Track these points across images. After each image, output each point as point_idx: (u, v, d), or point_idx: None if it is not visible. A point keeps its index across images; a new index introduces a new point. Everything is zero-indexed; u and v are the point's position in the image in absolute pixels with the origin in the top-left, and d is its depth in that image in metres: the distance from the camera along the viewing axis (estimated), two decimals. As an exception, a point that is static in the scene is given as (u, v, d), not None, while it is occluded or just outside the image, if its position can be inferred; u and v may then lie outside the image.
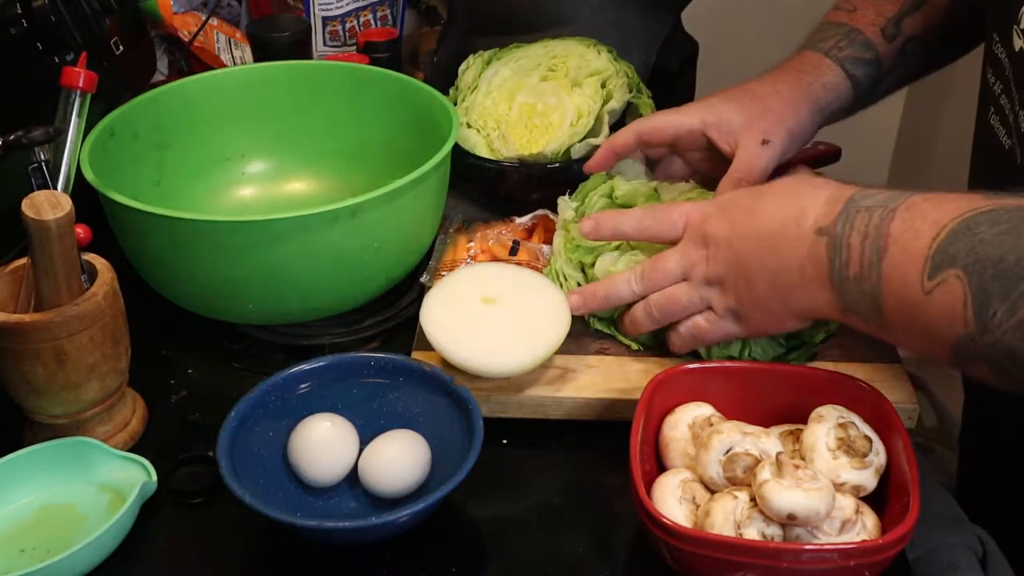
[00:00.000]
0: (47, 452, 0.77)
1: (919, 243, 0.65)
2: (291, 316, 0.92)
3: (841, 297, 0.70)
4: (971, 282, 0.62)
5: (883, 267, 0.67)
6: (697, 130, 0.92)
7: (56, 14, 0.90)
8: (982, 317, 0.62)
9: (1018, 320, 0.61)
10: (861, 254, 0.68)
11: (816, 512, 0.66)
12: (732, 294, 0.78)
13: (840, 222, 0.70)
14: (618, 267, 0.87)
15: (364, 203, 0.83)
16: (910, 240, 0.66)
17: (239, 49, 1.33)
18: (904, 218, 0.67)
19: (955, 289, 0.63)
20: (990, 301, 0.62)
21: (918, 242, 0.65)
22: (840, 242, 0.70)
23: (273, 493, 0.74)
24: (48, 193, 0.72)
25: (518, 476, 0.80)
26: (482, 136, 1.03)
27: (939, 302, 0.64)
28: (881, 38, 0.97)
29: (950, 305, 0.63)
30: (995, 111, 0.86)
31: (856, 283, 0.69)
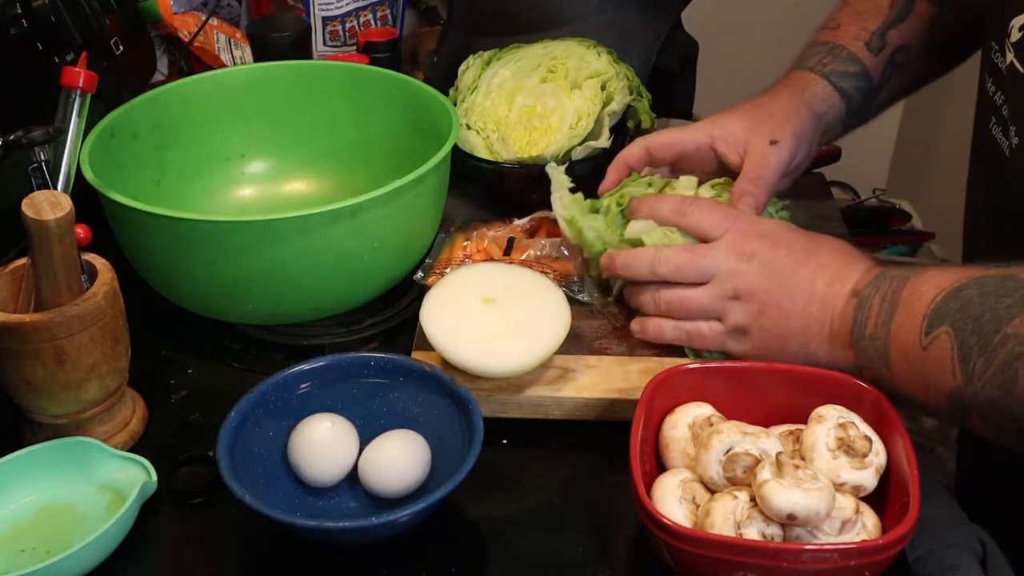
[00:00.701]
0: (47, 452, 0.77)
1: (920, 304, 0.72)
2: (291, 316, 0.92)
3: (858, 354, 0.76)
4: (957, 337, 0.69)
5: (892, 326, 0.74)
6: (705, 144, 0.93)
7: (56, 14, 0.90)
8: (965, 369, 0.68)
9: (992, 372, 0.67)
10: (878, 314, 0.75)
11: (816, 512, 0.66)
12: (752, 317, 0.81)
13: (870, 287, 0.77)
14: (651, 238, 0.86)
15: (364, 203, 0.83)
16: (914, 302, 0.73)
17: (239, 49, 1.33)
18: (914, 283, 0.74)
19: (945, 344, 0.70)
20: (970, 354, 0.68)
21: (919, 303, 0.72)
22: (865, 304, 0.76)
23: (273, 493, 0.74)
24: (48, 193, 0.72)
25: (518, 476, 0.80)
26: (482, 138, 1.03)
27: (934, 356, 0.70)
28: (866, 51, 0.98)
29: (942, 358, 0.70)
30: (996, 121, 0.86)
31: (871, 341, 0.75)
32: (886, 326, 0.74)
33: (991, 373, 0.67)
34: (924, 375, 0.71)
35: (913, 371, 0.72)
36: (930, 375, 0.71)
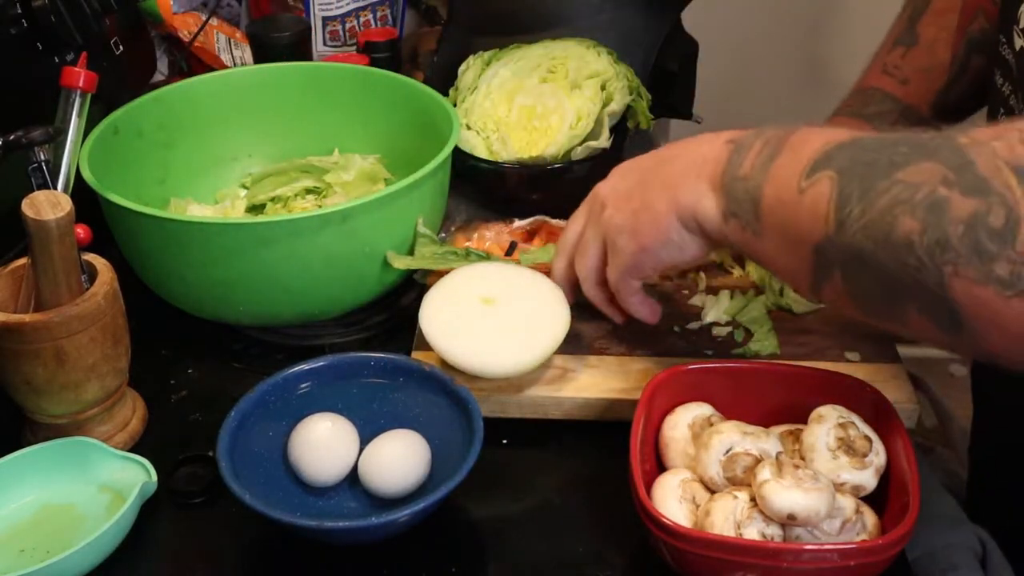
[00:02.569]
0: (47, 452, 0.77)
1: (808, 148, 0.65)
2: (283, 319, 0.92)
3: (727, 197, 0.70)
4: (839, 182, 0.62)
5: (771, 167, 0.67)
6: None
7: (56, 14, 0.90)
8: (840, 215, 0.62)
9: (870, 218, 0.60)
10: (757, 155, 0.68)
11: (816, 512, 0.66)
12: (624, 207, 0.76)
13: (751, 135, 0.70)
14: None
15: (354, 208, 0.83)
16: (801, 145, 0.66)
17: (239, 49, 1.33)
18: (806, 131, 0.68)
19: (824, 189, 0.63)
20: (850, 199, 0.61)
21: (807, 147, 0.66)
22: (743, 147, 0.70)
23: (273, 493, 0.74)
24: (48, 193, 0.72)
25: (518, 476, 0.80)
26: (481, 138, 1.03)
27: (809, 201, 0.64)
28: (931, 113, 0.97)
29: (817, 203, 0.63)
30: (1004, 112, 0.86)
31: (743, 182, 0.69)
32: (764, 167, 0.68)
33: (868, 219, 0.61)
34: (794, 223, 0.65)
35: (783, 218, 0.66)
36: (801, 223, 0.64)
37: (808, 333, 0.88)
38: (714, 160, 0.71)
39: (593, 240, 0.79)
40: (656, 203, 0.74)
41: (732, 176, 0.69)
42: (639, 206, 0.75)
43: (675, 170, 0.74)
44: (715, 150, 0.72)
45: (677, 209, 0.73)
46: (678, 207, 0.73)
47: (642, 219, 0.75)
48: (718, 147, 0.72)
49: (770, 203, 0.67)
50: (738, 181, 0.69)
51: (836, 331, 0.88)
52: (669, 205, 0.73)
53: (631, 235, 0.76)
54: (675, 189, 0.73)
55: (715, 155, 0.71)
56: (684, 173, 0.73)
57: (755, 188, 0.68)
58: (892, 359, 0.85)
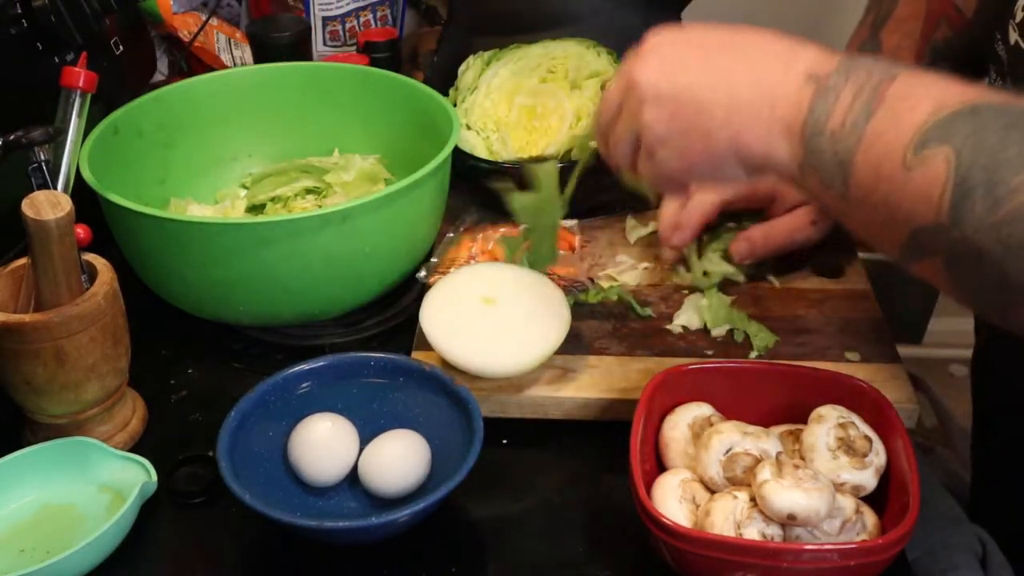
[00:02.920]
0: (47, 452, 0.77)
1: (915, 114, 0.57)
2: (283, 319, 0.92)
3: (807, 150, 0.61)
4: (960, 166, 0.55)
5: (867, 128, 0.59)
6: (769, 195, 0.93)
7: (56, 14, 0.90)
8: (959, 207, 0.55)
9: (998, 220, 0.54)
10: (848, 109, 0.60)
11: (816, 512, 0.66)
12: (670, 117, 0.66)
13: (836, 74, 0.61)
14: None
15: (354, 208, 0.83)
16: (906, 108, 0.58)
17: (239, 49, 1.33)
18: (907, 84, 0.59)
19: (939, 169, 0.56)
20: (973, 191, 0.55)
21: (914, 113, 0.58)
22: (830, 92, 0.61)
23: (273, 493, 0.74)
24: (48, 193, 0.72)
25: (518, 476, 0.80)
26: (481, 138, 1.03)
27: (917, 180, 0.56)
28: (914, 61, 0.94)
29: (929, 185, 0.56)
30: None
31: (831, 139, 0.60)
32: (858, 127, 0.59)
33: (995, 220, 0.54)
34: (894, 200, 0.58)
35: (881, 192, 0.58)
36: (904, 202, 0.57)
37: (808, 333, 0.88)
38: (792, 101, 0.62)
39: (627, 133, 0.69)
40: (714, 134, 0.64)
41: (816, 129, 0.61)
42: (690, 127, 0.65)
43: (740, 98, 0.63)
44: (792, 87, 0.62)
45: (739, 151, 0.64)
46: (741, 150, 0.64)
47: (694, 143, 0.66)
48: (795, 82, 0.62)
49: (865, 172, 0.59)
50: (823, 137, 0.60)
51: (836, 331, 0.88)
52: (730, 144, 0.64)
53: (676, 154, 0.67)
54: (739, 127, 0.63)
55: (792, 96, 0.62)
56: (752, 108, 0.63)
57: (846, 151, 0.59)
58: (892, 359, 0.85)
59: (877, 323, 0.89)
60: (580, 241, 0.99)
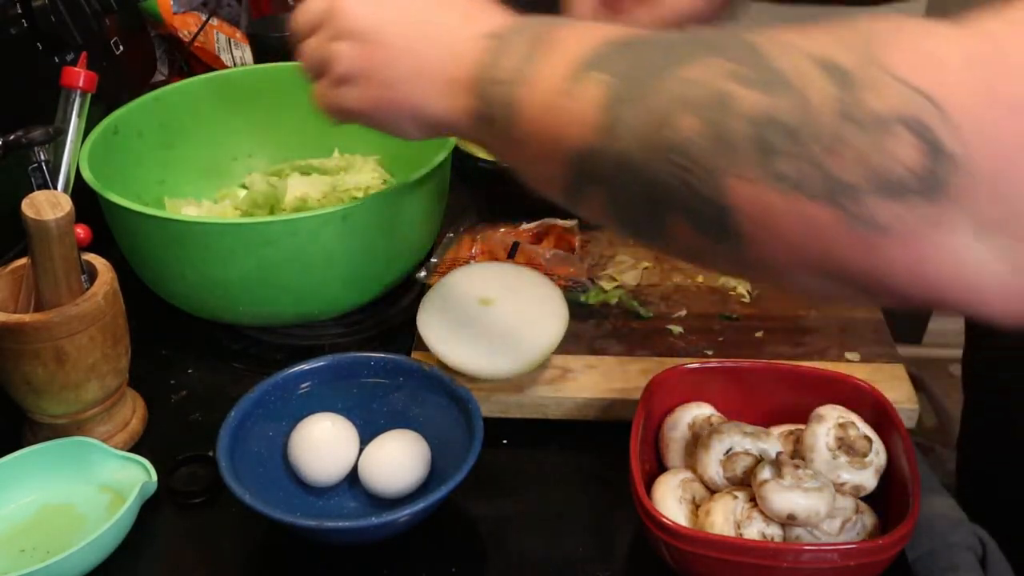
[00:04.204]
0: (47, 452, 0.77)
1: (577, 46, 0.57)
2: (283, 319, 0.92)
3: (481, 100, 0.62)
4: (611, 84, 0.54)
5: (533, 67, 0.59)
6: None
7: (56, 14, 0.90)
8: (608, 119, 0.54)
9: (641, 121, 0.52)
10: (518, 55, 0.60)
11: (816, 512, 0.66)
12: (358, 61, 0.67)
13: (516, 31, 0.62)
14: None
15: (354, 208, 0.83)
16: (571, 42, 0.58)
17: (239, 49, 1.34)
18: (573, 26, 0.60)
19: (594, 92, 0.55)
20: (620, 101, 0.53)
21: (576, 45, 0.57)
22: (505, 45, 0.61)
23: (273, 493, 0.74)
24: (48, 193, 0.72)
25: (518, 476, 0.80)
26: (482, 137, 1.03)
27: (575, 103, 0.56)
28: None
29: (584, 109, 0.55)
30: None
31: (500, 86, 0.60)
32: (524, 68, 0.59)
33: (639, 123, 0.52)
34: (555, 129, 0.57)
35: (544, 124, 0.58)
36: (562, 129, 0.56)
37: (808, 333, 0.88)
38: (468, 60, 0.62)
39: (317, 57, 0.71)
40: (395, 91, 0.66)
41: (488, 79, 0.61)
42: (374, 74, 0.67)
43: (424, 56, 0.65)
44: (469, 44, 0.63)
45: (414, 110, 0.66)
46: (417, 110, 0.66)
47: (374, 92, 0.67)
48: (473, 40, 0.63)
49: (528, 108, 0.59)
50: (494, 84, 0.61)
51: (836, 331, 0.88)
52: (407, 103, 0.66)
53: (357, 95, 0.68)
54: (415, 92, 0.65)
55: (469, 52, 0.62)
56: (432, 64, 0.64)
57: (511, 93, 0.59)
58: (892, 359, 0.85)
59: (877, 323, 0.89)
60: (580, 241, 0.99)
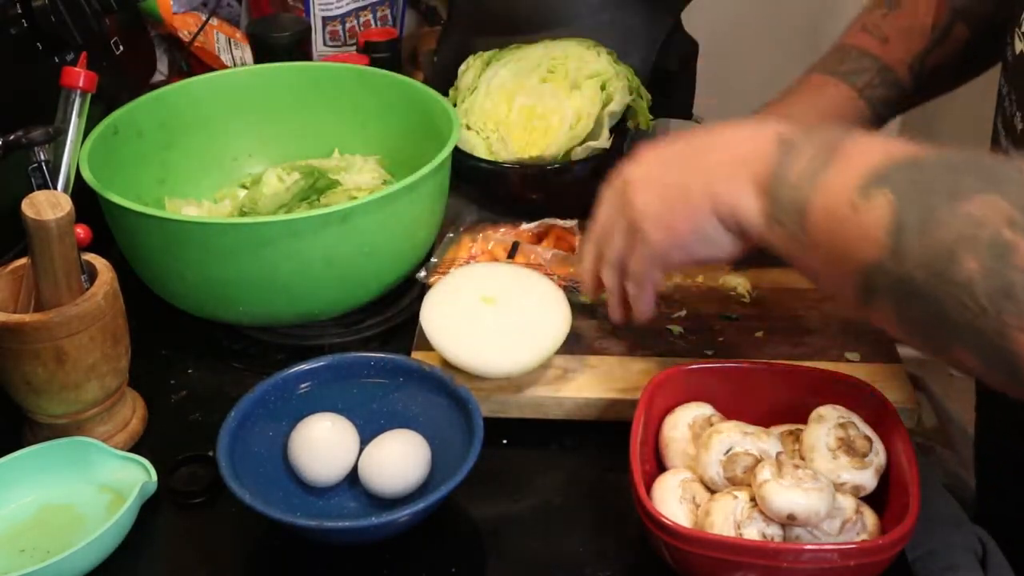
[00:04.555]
0: (47, 452, 0.77)
1: (864, 161, 0.62)
2: (283, 319, 0.92)
3: (773, 202, 0.66)
4: (897, 206, 0.59)
5: (823, 177, 0.63)
6: None
7: (56, 14, 0.90)
8: (896, 242, 0.58)
9: (927, 251, 0.57)
10: (809, 162, 0.64)
11: (816, 512, 0.66)
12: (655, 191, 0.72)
13: (802, 136, 0.66)
14: None
15: (354, 208, 0.83)
16: (857, 157, 0.62)
17: (239, 49, 1.34)
18: (861, 140, 0.64)
19: (881, 211, 0.59)
20: (907, 227, 0.58)
21: (862, 160, 0.62)
22: (794, 148, 0.66)
23: (273, 493, 0.74)
24: (48, 193, 0.72)
25: (518, 476, 0.80)
26: (481, 138, 1.03)
27: (862, 220, 0.60)
28: (909, 76, 0.95)
29: (872, 225, 0.59)
30: (999, 112, 0.86)
31: (792, 190, 0.64)
32: (815, 177, 0.63)
33: (925, 252, 0.57)
34: (843, 241, 0.61)
35: (832, 234, 0.62)
36: (851, 242, 0.61)
37: (808, 333, 0.88)
38: (761, 159, 0.67)
39: (619, 227, 0.75)
40: (693, 194, 0.69)
41: (780, 180, 0.65)
42: (673, 195, 0.71)
43: (715, 161, 0.69)
44: (761, 147, 0.67)
45: (715, 204, 0.68)
46: (717, 202, 0.68)
47: (676, 209, 0.70)
48: (764, 144, 0.67)
49: (819, 216, 0.63)
50: (786, 187, 0.65)
51: (836, 331, 0.88)
52: (707, 198, 0.68)
53: (662, 225, 0.71)
54: (715, 183, 0.68)
55: (762, 153, 0.67)
56: (726, 167, 0.68)
57: (804, 198, 0.64)
58: (892, 359, 0.85)
59: (877, 323, 0.89)
60: (580, 241, 0.99)
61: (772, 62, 1.96)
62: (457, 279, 0.86)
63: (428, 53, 1.30)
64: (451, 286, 0.86)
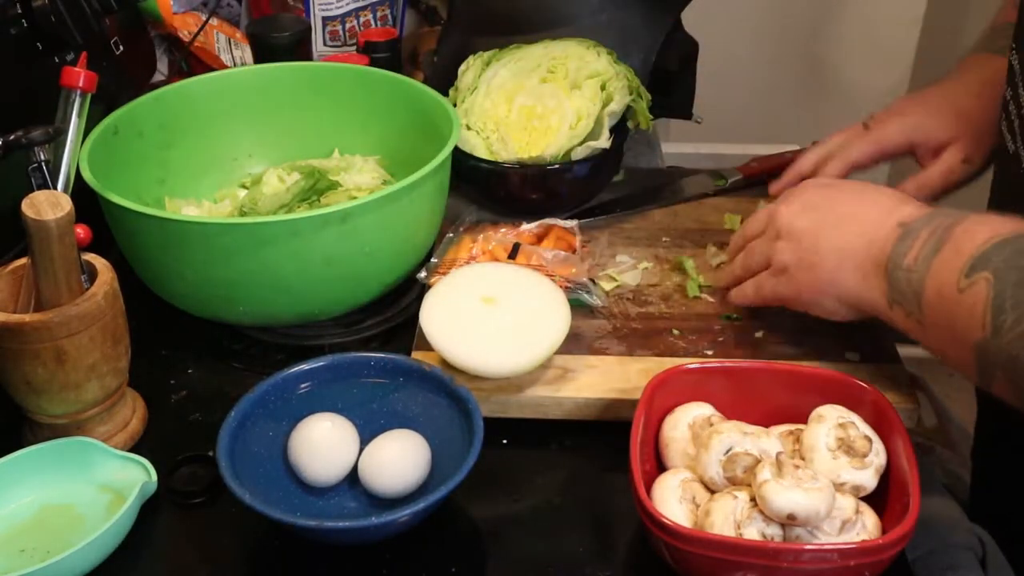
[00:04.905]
0: (47, 452, 0.77)
1: (970, 244, 0.67)
2: (284, 319, 0.92)
3: (891, 286, 0.72)
4: (996, 285, 0.64)
5: (934, 261, 0.69)
6: (903, 148, 0.94)
7: (56, 14, 0.90)
8: (996, 320, 0.64)
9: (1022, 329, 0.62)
10: (922, 247, 0.70)
11: (816, 512, 0.66)
12: (792, 253, 0.80)
13: (921, 221, 0.73)
14: None
15: (354, 208, 0.83)
16: (965, 241, 0.68)
17: (239, 49, 1.34)
18: (971, 222, 0.69)
19: (982, 291, 0.65)
20: (1004, 305, 0.63)
21: (969, 243, 0.67)
22: (910, 235, 0.72)
23: (273, 493, 0.74)
24: (48, 193, 0.72)
25: (518, 476, 0.80)
26: (481, 138, 1.03)
27: (968, 301, 0.66)
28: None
29: (975, 305, 0.65)
30: (1005, 116, 0.86)
31: (906, 273, 0.71)
32: (928, 260, 0.70)
33: (1021, 329, 0.62)
34: (954, 321, 0.67)
35: (944, 314, 0.68)
36: (959, 321, 0.67)
37: (808, 333, 0.88)
38: (881, 245, 0.74)
39: (760, 255, 0.84)
40: (822, 268, 0.78)
41: (896, 265, 0.72)
42: (806, 261, 0.79)
43: (848, 237, 0.77)
44: (885, 232, 0.74)
45: (837, 285, 0.77)
46: (839, 284, 0.77)
47: (804, 275, 0.79)
48: (888, 228, 0.74)
49: (931, 298, 0.69)
50: (901, 271, 0.71)
51: (836, 331, 0.88)
52: (831, 277, 0.77)
53: (791, 281, 0.81)
54: (841, 263, 0.77)
55: (884, 238, 0.74)
56: (854, 246, 0.76)
57: (917, 281, 0.70)
58: (892, 359, 0.85)
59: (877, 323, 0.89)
60: (580, 241, 0.99)
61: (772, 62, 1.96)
62: (457, 279, 0.86)
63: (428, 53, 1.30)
64: (451, 286, 0.86)
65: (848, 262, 0.76)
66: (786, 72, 1.94)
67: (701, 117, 1.25)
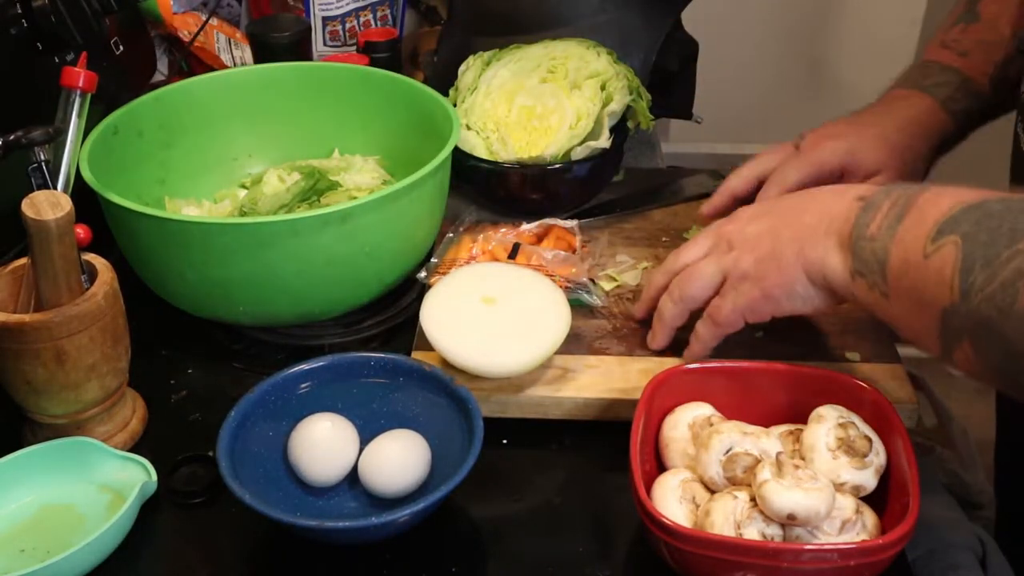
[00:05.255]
0: (47, 452, 0.77)
1: (935, 211, 0.66)
2: (283, 319, 0.92)
3: (855, 256, 0.71)
4: (964, 248, 0.62)
5: (898, 229, 0.68)
6: (837, 172, 0.94)
7: (56, 14, 0.90)
8: (964, 283, 0.62)
9: (993, 288, 0.61)
10: (884, 216, 0.69)
11: (816, 512, 0.66)
12: (752, 253, 0.78)
13: (880, 193, 0.71)
14: None
15: (354, 208, 0.83)
16: (929, 208, 0.67)
17: (239, 49, 1.34)
18: (933, 191, 0.68)
19: (949, 254, 0.63)
20: (973, 267, 0.62)
21: (934, 210, 0.66)
22: (872, 206, 0.71)
23: (273, 493, 0.74)
24: (48, 193, 0.72)
25: (518, 476, 0.80)
26: (481, 138, 1.03)
27: (935, 266, 0.64)
28: (989, 86, 0.97)
29: (943, 270, 0.63)
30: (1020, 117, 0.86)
31: (870, 242, 0.69)
32: (892, 229, 0.68)
33: (991, 289, 0.61)
34: (920, 288, 0.66)
35: (910, 282, 0.67)
36: (926, 288, 0.65)
37: (808, 333, 0.88)
38: (843, 217, 0.72)
39: (712, 274, 0.80)
40: (784, 254, 0.75)
41: (859, 235, 0.70)
42: (766, 255, 0.77)
43: (804, 223, 0.75)
44: (844, 207, 0.73)
45: (804, 263, 0.74)
46: (805, 261, 0.74)
47: (768, 268, 0.76)
48: (847, 203, 0.73)
49: (896, 266, 0.67)
50: (865, 241, 0.70)
51: (836, 331, 0.88)
52: (796, 258, 0.74)
53: (755, 281, 0.77)
54: (803, 243, 0.74)
55: (844, 212, 0.72)
56: (813, 227, 0.74)
57: (882, 250, 0.68)
58: (892, 359, 0.85)
59: (877, 323, 0.89)
60: (580, 241, 0.99)
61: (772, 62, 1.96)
62: (457, 279, 0.87)
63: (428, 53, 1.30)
64: (451, 286, 0.86)
65: (808, 242, 0.74)
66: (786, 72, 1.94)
67: (701, 117, 1.25)
